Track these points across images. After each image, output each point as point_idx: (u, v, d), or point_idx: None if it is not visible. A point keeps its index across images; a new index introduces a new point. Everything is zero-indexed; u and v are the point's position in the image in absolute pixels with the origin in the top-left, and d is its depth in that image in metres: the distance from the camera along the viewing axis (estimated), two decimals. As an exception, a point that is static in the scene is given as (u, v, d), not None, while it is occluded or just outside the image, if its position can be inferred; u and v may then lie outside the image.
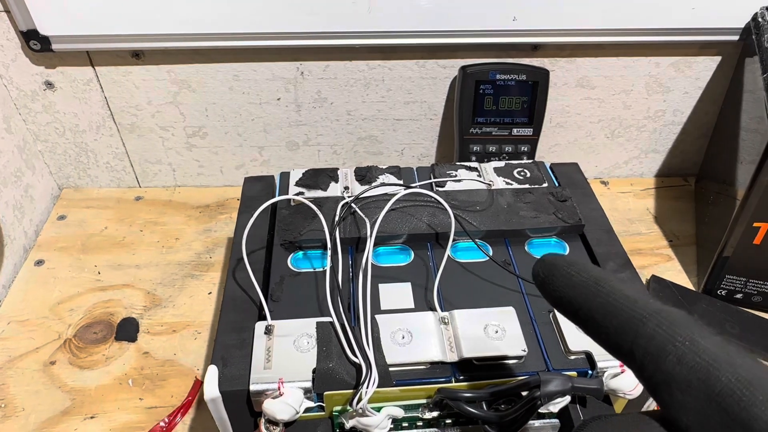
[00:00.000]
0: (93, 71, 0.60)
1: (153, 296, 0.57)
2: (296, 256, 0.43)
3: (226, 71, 0.61)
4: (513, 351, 0.35)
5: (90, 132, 0.65)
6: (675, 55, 0.62)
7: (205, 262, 0.61)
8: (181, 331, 0.54)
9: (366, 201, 0.45)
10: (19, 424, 0.47)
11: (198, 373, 0.51)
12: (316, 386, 0.34)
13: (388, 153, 0.69)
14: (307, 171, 0.49)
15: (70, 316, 0.55)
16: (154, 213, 0.67)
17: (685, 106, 0.66)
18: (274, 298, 0.40)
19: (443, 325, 0.37)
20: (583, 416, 0.36)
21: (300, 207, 0.45)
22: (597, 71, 0.63)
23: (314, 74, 0.62)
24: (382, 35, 0.57)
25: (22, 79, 0.60)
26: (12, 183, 0.61)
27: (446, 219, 0.42)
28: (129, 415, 0.48)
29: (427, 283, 0.41)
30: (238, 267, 0.41)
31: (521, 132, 0.62)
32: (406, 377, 0.35)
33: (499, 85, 0.60)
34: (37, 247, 0.63)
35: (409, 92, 0.64)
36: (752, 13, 0.57)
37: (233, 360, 0.35)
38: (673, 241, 0.64)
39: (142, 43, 0.57)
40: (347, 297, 0.40)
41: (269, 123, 0.65)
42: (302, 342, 0.36)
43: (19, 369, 0.51)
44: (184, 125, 0.65)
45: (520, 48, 0.61)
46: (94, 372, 0.51)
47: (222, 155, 0.68)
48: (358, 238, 0.43)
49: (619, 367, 0.35)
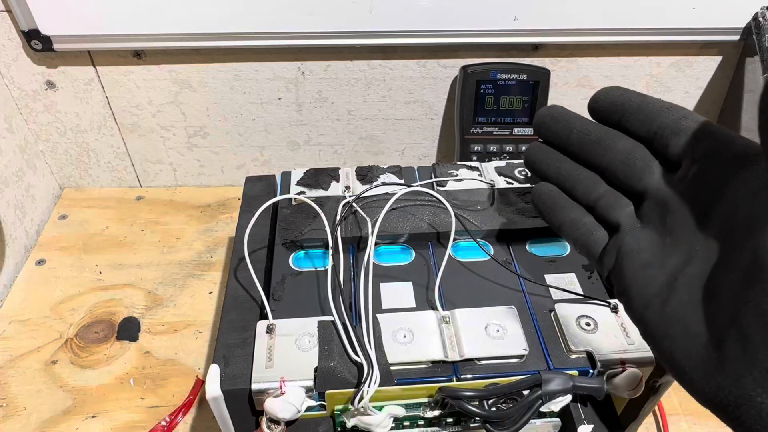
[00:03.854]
0: (94, 71, 0.60)
1: (154, 296, 0.57)
2: (298, 255, 0.43)
3: (227, 71, 0.61)
4: (514, 350, 0.35)
5: (91, 132, 0.65)
6: (676, 54, 0.62)
7: (206, 262, 0.61)
8: (182, 331, 0.54)
9: (367, 200, 0.45)
10: (21, 423, 0.47)
11: (199, 372, 0.51)
12: (318, 385, 0.34)
13: (389, 152, 0.69)
14: (309, 170, 0.49)
15: (71, 315, 0.55)
16: (155, 213, 0.67)
17: (685, 106, 0.66)
18: (276, 297, 0.40)
19: (444, 324, 0.37)
20: (584, 416, 0.36)
21: (301, 206, 0.45)
22: (598, 71, 0.63)
23: (315, 74, 0.62)
24: (383, 35, 0.57)
25: (24, 79, 0.60)
26: (13, 183, 0.61)
27: (447, 218, 0.42)
28: (130, 415, 0.48)
29: (428, 283, 0.41)
30: (240, 266, 0.41)
31: (522, 132, 0.62)
32: (407, 376, 0.35)
33: (500, 84, 0.60)
34: (38, 246, 0.63)
35: (410, 92, 0.64)
36: (752, 13, 0.57)
37: (235, 359, 0.35)
38: (673, 240, 0.64)
39: (144, 42, 0.57)
40: (348, 296, 0.40)
41: (270, 123, 0.66)
42: (304, 341, 0.36)
43: (20, 368, 0.51)
44: (185, 125, 0.65)
45: (521, 48, 0.61)
46: (96, 371, 0.51)
47: (223, 155, 0.68)
48: (360, 238, 0.43)
49: (619, 366, 0.35)
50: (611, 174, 0.26)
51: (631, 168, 0.25)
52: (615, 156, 0.26)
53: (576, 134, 0.27)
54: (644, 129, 0.25)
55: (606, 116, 0.27)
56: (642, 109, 0.26)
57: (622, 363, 0.35)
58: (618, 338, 0.36)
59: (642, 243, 0.24)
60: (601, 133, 0.27)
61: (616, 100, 0.27)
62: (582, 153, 0.27)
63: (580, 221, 0.27)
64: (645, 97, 0.26)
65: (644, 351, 0.35)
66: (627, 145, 0.26)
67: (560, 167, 0.28)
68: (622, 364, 0.35)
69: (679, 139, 0.24)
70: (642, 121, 0.25)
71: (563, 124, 0.28)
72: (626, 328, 0.37)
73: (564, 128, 0.28)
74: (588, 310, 0.38)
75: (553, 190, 0.28)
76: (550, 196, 0.28)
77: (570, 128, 0.28)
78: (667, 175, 0.24)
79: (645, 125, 0.25)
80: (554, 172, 0.28)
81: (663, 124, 0.25)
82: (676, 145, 0.24)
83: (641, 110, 0.26)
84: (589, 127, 0.27)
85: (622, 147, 0.26)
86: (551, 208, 0.28)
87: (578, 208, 0.27)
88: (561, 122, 0.28)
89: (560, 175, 0.28)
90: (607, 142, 0.26)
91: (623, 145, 0.26)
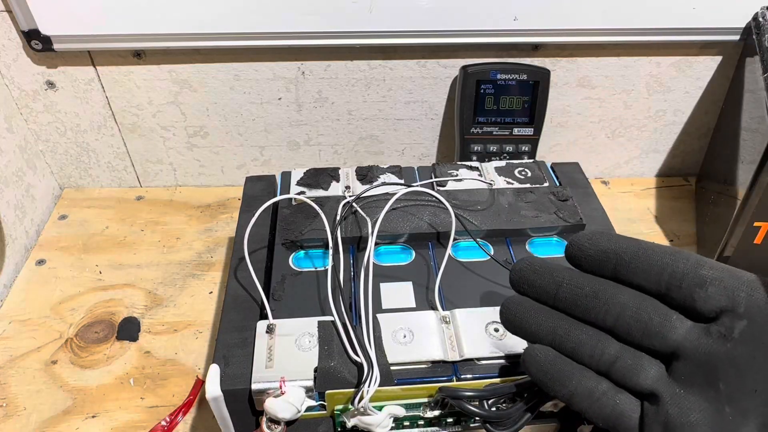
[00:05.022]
0: (94, 71, 0.60)
1: (154, 296, 0.57)
2: (298, 255, 0.43)
3: (227, 71, 0.61)
4: (514, 350, 0.35)
5: (91, 132, 0.65)
6: (676, 54, 0.62)
7: (206, 262, 0.61)
8: (182, 331, 0.54)
9: (367, 200, 0.45)
10: (21, 423, 0.47)
11: (199, 372, 0.51)
12: (318, 385, 0.34)
13: (389, 153, 0.69)
14: (309, 170, 0.49)
15: (71, 315, 0.55)
16: (155, 213, 0.67)
17: (685, 106, 0.66)
18: (276, 297, 0.40)
19: (444, 324, 0.37)
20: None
21: (301, 206, 0.45)
22: (598, 71, 0.63)
23: (315, 74, 0.62)
24: (383, 35, 0.57)
25: (24, 79, 0.60)
26: (13, 183, 0.61)
27: (447, 218, 0.42)
28: (130, 415, 0.48)
29: (428, 282, 0.41)
30: (240, 266, 0.41)
31: (522, 132, 0.62)
32: (407, 376, 0.35)
33: (500, 84, 0.60)
34: (38, 246, 0.63)
35: (410, 92, 0.64)
36: (753, 13, 0.57)
37: (235, 359, 0.35)
38: (673, 240, 0.64)
39: (144, 42, 0.57)
40: (348, 296, 0.40)
41: (270, 123, 0.66)
42: (304, 341, 0.36)
43: (20, 368, 0.51)
44: (185, 125, 0.65)
45: (521, 48, 0.61)
46: (96, 371, 0.51)
47: (223, 155, 0.68)
48: (360, 238, 0.43)
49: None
50: (624, 332, 0.22)
51: (647, 324, 0.22)
52: (622, 311, 0.22)
53: (566, 288, 0.24)
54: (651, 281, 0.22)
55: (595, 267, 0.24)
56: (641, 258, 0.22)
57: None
58: (618, 338, 0.36)
59: (694, 415, 0.20)
60: (595, 286, 0.23)
61: (607, 248, 0.23)
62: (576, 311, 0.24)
63: (596, 390, 0.22)
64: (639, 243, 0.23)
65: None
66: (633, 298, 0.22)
67: (555, 326, 0.24)
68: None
69: (707, 291, 0.21)
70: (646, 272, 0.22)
71: (548, 277, 0.24)
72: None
73: (550, 282, 0.24)
74: (588, 310, 0.38)
75: (550, 354, 0.24)
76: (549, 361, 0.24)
77: (557, 282, 0.24)
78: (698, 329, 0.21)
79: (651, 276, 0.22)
80: (548, 331, 0.24)
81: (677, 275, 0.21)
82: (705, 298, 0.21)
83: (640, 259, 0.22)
84: (580, 280, 0.24)
85: (628, 300, 0.22)
86: (555, 377, 0.23)
87: (589, 372, 0.23)
88: (545, 276, 0.24)
89: (556, 335, 0.24)
90: (607, 297, 0.23)
91: (628, 298, 0.22)
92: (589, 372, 0.23)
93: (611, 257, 0.23)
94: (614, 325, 0.23)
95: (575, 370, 0.23)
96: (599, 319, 0.23)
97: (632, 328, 0.22)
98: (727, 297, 0.21)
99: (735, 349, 0.20)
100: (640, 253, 0.22)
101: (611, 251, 0.23)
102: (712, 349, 0.21)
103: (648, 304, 0.22)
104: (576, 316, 0.24)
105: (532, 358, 0.24)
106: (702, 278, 0.21)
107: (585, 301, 0.23)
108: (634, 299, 0.22)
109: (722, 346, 0.20)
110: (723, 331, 0.21)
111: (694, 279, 0.21)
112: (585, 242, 0.24)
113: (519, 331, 0.25)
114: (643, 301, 0.22)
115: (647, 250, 0.22)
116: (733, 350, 0.20)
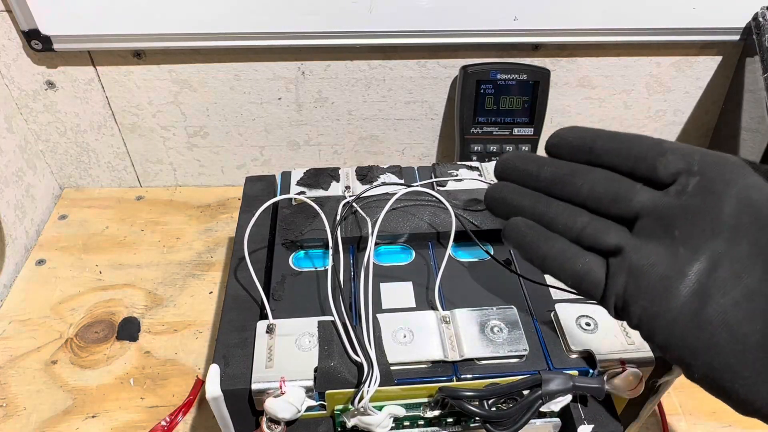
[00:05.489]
0: (94, 71, 0.60)
1: (154, 296, 0.57)
2: (298, 255, 0.43)
3: (227, 71, 0.61)
4: (514, 350, 0.35)
5: (91, 132, 0.65)
6: (676, 54, 0.62)
7: (206, 262, 0.61)
8: (182, 331, 0.54)
9: (367, 200, 0.45)
10: (21, 423, 0.47)
11: (199, 372, 0.51)
12: (318, 385, 0.34)
13: (389, 152, 0.69)
14: (309, 170, 0.49)
15: (71, 315, 0.55)
16: (155, 213, 0.67)
17: (685, 106, 0.66)
18: (276, 297, 0.40)
19: (444, 324, 0.37)
20: (584, 416, 0.36)
21: (301, 206, 0.45)
22: (598, 71, 0.63)
23: (315, 74, 0.62)
24: (383, 35, 0.57)
25: (24, 79, 0.60)
26: (13, 183, 0.61)
27: (447, 218, 0.42)
28: (130, 415, 0.48)
29: (428, 282, 0.41)
30: (240, 266, 0.41)
31: (522, 132, 0.62)
32: (407, 376, 0.35)
33: (499, 84, 0.60)
34: (38, 246, 0.63)
35: (410, 92, 0.64)
36: (753, 13, 0.57)
37: (235, 359, 0.35)
38: (673, 240, 0.64)
39: (144, 42, 0.57)
40: (348, 296, 0.40)
41: (270, 123, 0.66)
42: (304, 341, 0.36)
43: (20, 368, 0.51)
44: (185, 125, 0.65)
45: (521, 48, 0.61)
46: (96, 371, 0.51)
47: (223, 155, 0.68)
48: (360, 238, 0.43)
49: (619, 366, 0.35)
50: (594, 202, 0.25)
51: (617, 192, 0.25)
52: (594, 185, 0.25)
53: (547, 170, 0.27)
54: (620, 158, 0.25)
55: (572, 152, 0.27)
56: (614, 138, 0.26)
57: (622, 363, 0.35)
58: (618, 338, 0.36)
59: (653, 257, 0.23)
60: (573, 167, 0.26)
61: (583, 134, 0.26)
62: (555, 188, 0.26)
63: (567, 250, 0.25)
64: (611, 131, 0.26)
65: (644, 351, 0.35)
66: (605, 174, 0.25)
67: (534, 201, 0.27)
68: (622, 364, 0.35)
69: (667, 158, 0.24)
70: (617, 151, 0.25)
71: (531, 162, 0.27)
72: (626, 328, 0.37)
73: (533, 165, 0.27)
74: (588, 310, 0.38)
75: (529, 223, 0.27)
76: (528, 227, 0.26)
77: (539, 165, 0.27)
78: (659, 193, 0.24)
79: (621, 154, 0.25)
80: (529, 206, 0.27)
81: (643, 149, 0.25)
82: (666, 163, 0.24)
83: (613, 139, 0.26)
84: (560, 163, 0.27)
85: (600, 176, 0.25)
86: (531, 241, 0.26)
87: (561, 238, 0.26)
88: (529, 161, 0.27)
89: (536, 209, 0.27)
90: (582, 174, 0.26)
91: (600, 174, 0.25)
92: (562, 238, 0.26)
93: (587, 141, 0.26)
94: (587, 197, 0.25)
95: (549, 236, 0.26)
96: (574, 194, 0.26)
97: (602, 197, 0.25)
98: (683, 160, 0.24)
99: (688, 200, 0.23)
100: (613, 135, 0.26)
101: (588, 136, 0.26)
102: (669, 203, 0.24)
103: (617, 178, 0.25)
104: (554, 194, 0.27)
105: (512, 227, 0.27)
106: (663, 149, 0.24)
107: (563, 179, 0.26)
108: (605, 174, 0.25)
109: (678, 200, 0.24)
110: (679, 188, 0.24)
111: (656, 149, 0.24)
112: (562, 132, 0.27)
113: (502, 207, 0.28)
114: (613, 176, 0.25)
115: (619, 133, 0.26)
116: (687, 201, 0.23)
